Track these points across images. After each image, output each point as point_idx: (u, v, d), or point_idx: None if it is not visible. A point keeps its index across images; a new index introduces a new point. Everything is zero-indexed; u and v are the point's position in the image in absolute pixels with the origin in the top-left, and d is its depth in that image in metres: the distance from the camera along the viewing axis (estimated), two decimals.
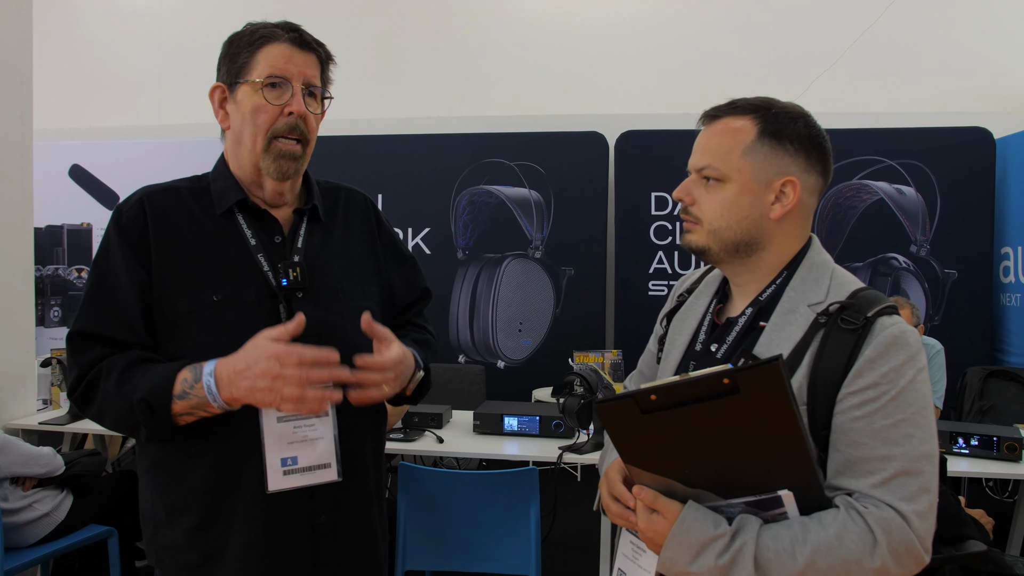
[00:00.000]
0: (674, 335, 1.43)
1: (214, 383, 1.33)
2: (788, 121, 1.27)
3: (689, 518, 1.12)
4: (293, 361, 1.30)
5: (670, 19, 5.82)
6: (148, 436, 1.39)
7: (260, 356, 1.31)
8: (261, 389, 1.30)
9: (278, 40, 1.45)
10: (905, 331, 1.16)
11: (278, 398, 1.31)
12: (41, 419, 3.59)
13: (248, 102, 1.45)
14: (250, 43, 1.45)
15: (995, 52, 5.48)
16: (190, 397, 1.34)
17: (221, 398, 1.34)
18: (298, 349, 1.31)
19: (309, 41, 1.49)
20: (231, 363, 1.33)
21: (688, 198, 1.31)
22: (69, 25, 6.45)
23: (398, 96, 5.97)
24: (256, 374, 1.30)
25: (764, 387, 0.99)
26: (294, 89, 1.45)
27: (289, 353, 1.30)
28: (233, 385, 1.32)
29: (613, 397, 1.07)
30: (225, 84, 1.48)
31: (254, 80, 1.43)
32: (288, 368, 1.30)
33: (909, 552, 1.09)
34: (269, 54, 1.44)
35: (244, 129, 1.46)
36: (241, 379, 1.31)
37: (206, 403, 1.34)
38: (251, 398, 1.32)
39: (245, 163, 1.50)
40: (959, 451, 3.02)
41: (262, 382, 1.30)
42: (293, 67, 1.45)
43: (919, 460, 1.12)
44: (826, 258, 1.30)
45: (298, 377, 1.30)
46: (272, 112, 1.44)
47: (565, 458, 3.02)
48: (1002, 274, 5.03)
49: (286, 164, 1.48)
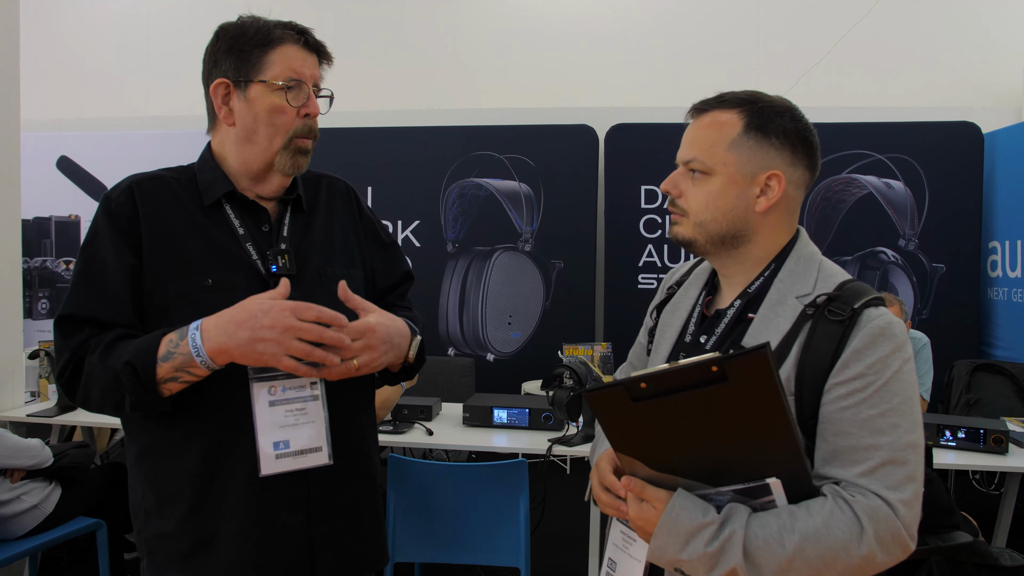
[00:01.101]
0: (664, 327, 1.45)
1: (199, 336, 1.34)
2: (774, 115, 1.28)
3: (678, 506, 1.13)
4: (312, 316, 1.33)
5: (660, 13, 5.81)
6: (133, 404, 1.37)
7: (270, 308, 1.32)
8: (266, 339, 1.31)
9: (291, 42, 1.50)
10: (891, 322, 1.17)
11: (283, 351, 1.32)
12: (29, 411, 3.58)
13: (265, 102, 1.48)
14: (262, 43, 1.48)
15: (983, 48, 5.50)
16: (175, 356, 1.34)
17: (205, 351, 1.33)
18: (315, 305, 1.35)
19: (317, 44, 1.55)
20: (224, 315, 1.35)
21: (675, 190, 1.33)
22: (56, 16, 6.40)
23: (388, 89, 5.95)
24: (264, 324, 1.31)
25: (752, 374, 1.00)
26: (308, 90, 1.51)
27: (308, 307, 1.33)
28: (226, 336, 1.32)
29: (603, 385, 1.08)
30: (230, 80, 1.49)
31: (272, 82, 1.47)
32: (304, 322, 1.32)
33: (895, 539, 1.11)
34: (284, 55, 1.48)
35: (259, 128, 1.49)
36: (241, 330, 1.32)
37: (190, 361, 1.34)
38: (248, 349, 1.32)
39: (254, 159, 1.52)
40: (946, 444, 3.04)
41: (270, 332, 1.31)
42: (307, 69, 1.51)
43: (905, 449, 1.13)
44: (813, 250, 1.32)
45: (312, 330, 1.33)
46: (291, 113, 1.49)
47: (554, 450, 3.03)
48: (990, 268, 5.06)
49: (301, 160, 1.54)
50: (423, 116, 5.71)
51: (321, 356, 1.34)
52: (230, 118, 1.51)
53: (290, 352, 1.32)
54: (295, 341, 1.32)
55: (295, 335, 1.31)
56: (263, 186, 1.56)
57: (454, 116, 5.67)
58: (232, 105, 1.50)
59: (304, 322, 1.32)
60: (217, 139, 1.57)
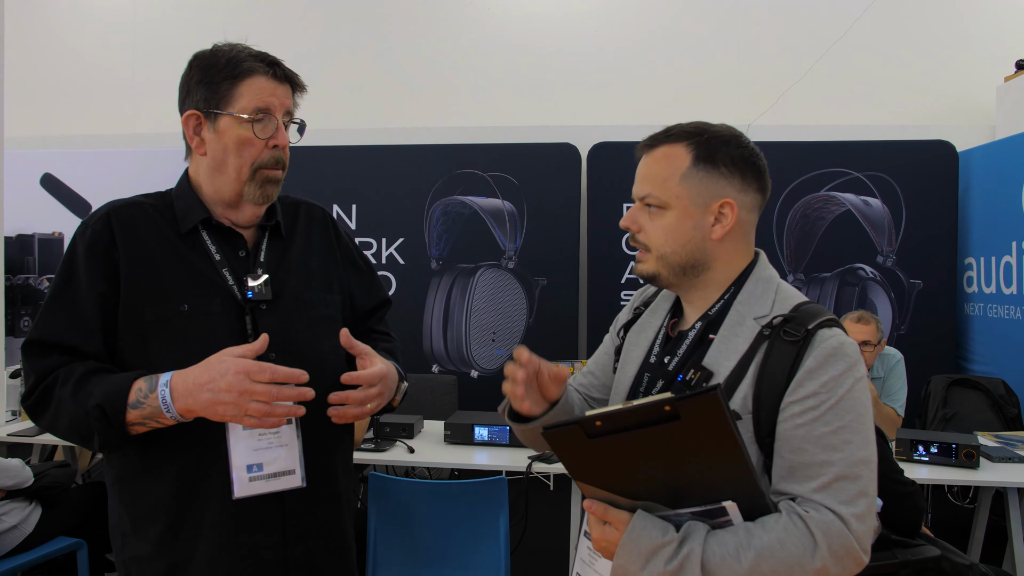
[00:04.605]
0: (630, 347, 1.49)
1: (169, 394, 1.36)
2: (720, 145, 1.32)
3: (638, 527, 1.16)
4: (265, 376, 1.34)
5: (641, 34, 5.88)
6: (101, 444, 1.40)
7: (227, 370, 1.33)
8: (225, 403, 1.33)
9: (260, 73, 1.50)
10: (844, 343, 1.22)
11: (242, 412, 1.34)
12: (10, 430, 3.57)
13: (233, 134, 1.49)
14: (231, 75, 1.49)
15: (958, 69, 5.60)
16: (143, 407, 1.37)
17: (175, 408, 1.36)
18: (270, 365, 1.35)
19: (287, 74, 1.55)
20: (190, 375, 1.36)
21: (634, 226, 1.38)
22: (41, 33, 6.41)
23: (372, 107, 5.98)
24: (221, 388, 1.33)
25: (703, 413, 1.04)
26: (277, 122, 1.51)
27: (261, 369, 1.34)
28: (191, 397, 1.35)
29: (559, 423, 1.11)
30: (201, 112, 1.51)
31: (239, 115, 1.48)
32: (258, 384, 1.33)
33: (848, 553, 1.14)
34: (252, 87, 1.49)
35: (228, 159, 1.51)
36: (202, 392, 1.34)
37: (159, 413, 1.37)
38: (211, 411, 1.35)
39: (225, 189, 1.54)
40: (919, 459, 3.09)
41: (227, 396, 1.33)
42: (275, 100, 1.51)
43: (857, 465, 1.17)
44: (772, 273, 1.37)
45: (267, 392, 1.34)
46: (259, 145, 1.50)
47: (535, 468, 3.06)
48: (966, 284, 5.13)
49: (270, 189, 1.54)
50: (407, 135, 5.74)
51: (282, 412, 1.37)
52: (202, 148, 1.53)
53: (248, 413, 1.34)
54: (252, 403, 1.34)
55: (250, 398, 1.33)
56: (237, 214, 1.58)
57: (438, 135, 5.71)
58: (203, 135, 1.52)
59: (259, 384, 1.34)
60: (193, 167, 1.59)
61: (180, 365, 1.40)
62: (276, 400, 1.35)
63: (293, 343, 1.53)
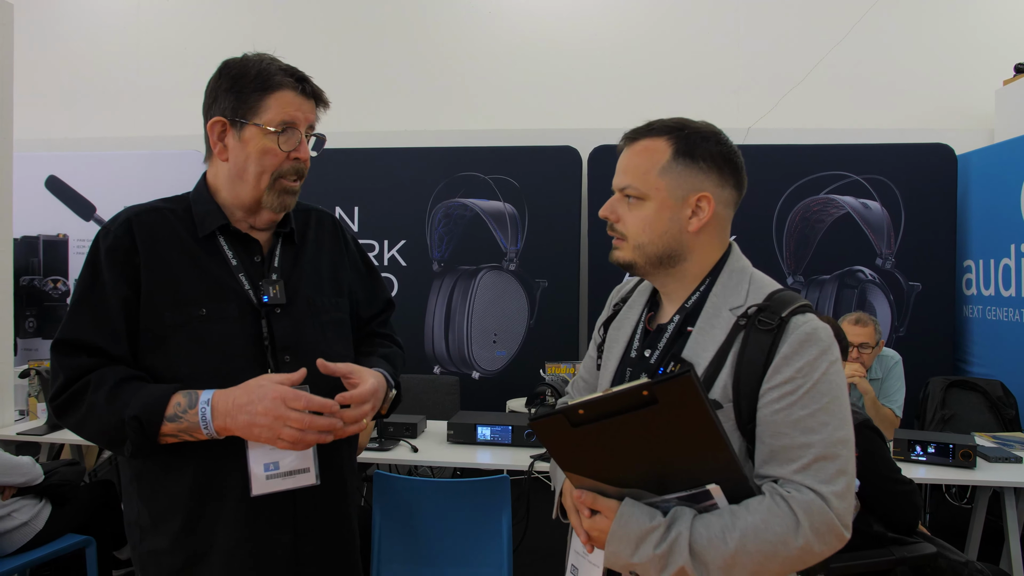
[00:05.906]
0: (611, 343, 1.53)
1: (210, 411, 1.42)
2: (700, 140, 1.37)
3: (627, 514, 1.21)
4: (301, 404, 1.41)
5: (642, 37, 5.92)
6: (133, 452, 1.45)
7: (265, 394, 1.40)
8: (260, 425, 1.40)
9: (288, 88, 1.54)
10: (817, 328, 1.27)
11: (275, 436, 1.40)
12: (19, 429, 3.60)
13: (257, 144, 1.53)
14: (261, 87, 1.53)
15: (956, 72, 5.64)
16: (181, 421, 1.42)
17: (213, 426, 1.42)
18: (305, 394, 1.42)
19: (315, 91, 1.60)
20: (231, 395, 1.42)
21: (613, 216, 1.42)
22: (46, 37, 6.45)
23: (374, 110, 6.02)
24: (258, 411, 1.39)
25: (679, 396, 1.09)
26: (301, 136, 1.56)
27: (297, 396, 1.41)
28: (230, 416, 1.41)
29: (544, 414, 1.16)
30: (228, 119, 1.54)
31: (266, 127, 1.52)
32: (293, 412, 1.39)
33: (830, 530, 1.19)
34: (280, 100, 1.53)
35: (249, 166, 1.55)
36: (241, 413, 1.40)
37: (195, 428, 1.42)
38: (247, 432, 1.41)
39: (245, 195, 1.58)
40: (916, 458, 3.13)
41: (263, 419, 1.39)
42: (301, 115, 1.56)
43: (835, 445, 1.22)
44: (745, 264, 1.41)
45: (301, 420, 1.40)
46: (281, 156, 1.54)
47: (537, 467, 3.09)
48: (965, 286, 5.16)
49: (288, 199, 1.60)
50: (409, 137, 5.79)
51: (312, 439, 1.44)
52: (224, 154, 1.57)
53: (282, 437, 1.41)
54: (286, 428, 1.40)
55: (284, 423, 1.40)
56: (256, 218, 1.62)
57: (440, 137, 5.76)
58: (227, 142, 1.56)
59: (294, 411, 1.40)
60: (212, 171, 1.63)
61: (197, 368, 1.46)
62: (309, 428, 1.42)
63: (305, 346, 1.58)
